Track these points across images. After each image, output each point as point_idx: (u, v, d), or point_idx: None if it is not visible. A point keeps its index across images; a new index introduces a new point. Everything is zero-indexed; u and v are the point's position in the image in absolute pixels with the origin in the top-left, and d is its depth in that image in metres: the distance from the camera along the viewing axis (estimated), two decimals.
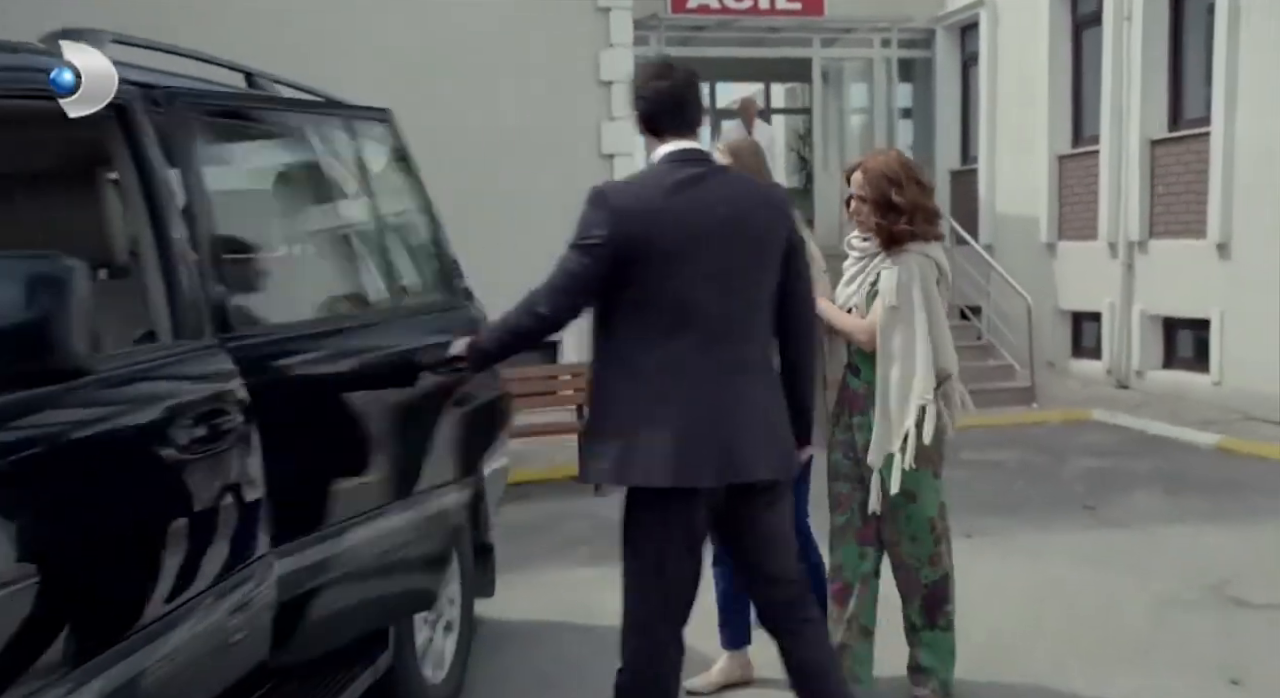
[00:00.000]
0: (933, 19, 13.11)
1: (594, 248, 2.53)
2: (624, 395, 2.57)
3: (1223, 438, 8.01)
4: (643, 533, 2.62)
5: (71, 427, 1.83)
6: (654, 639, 2.66)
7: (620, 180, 2.87)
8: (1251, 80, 8.80)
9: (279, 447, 2.30)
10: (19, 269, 1.56)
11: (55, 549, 1.71)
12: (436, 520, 2.83)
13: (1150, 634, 4.22)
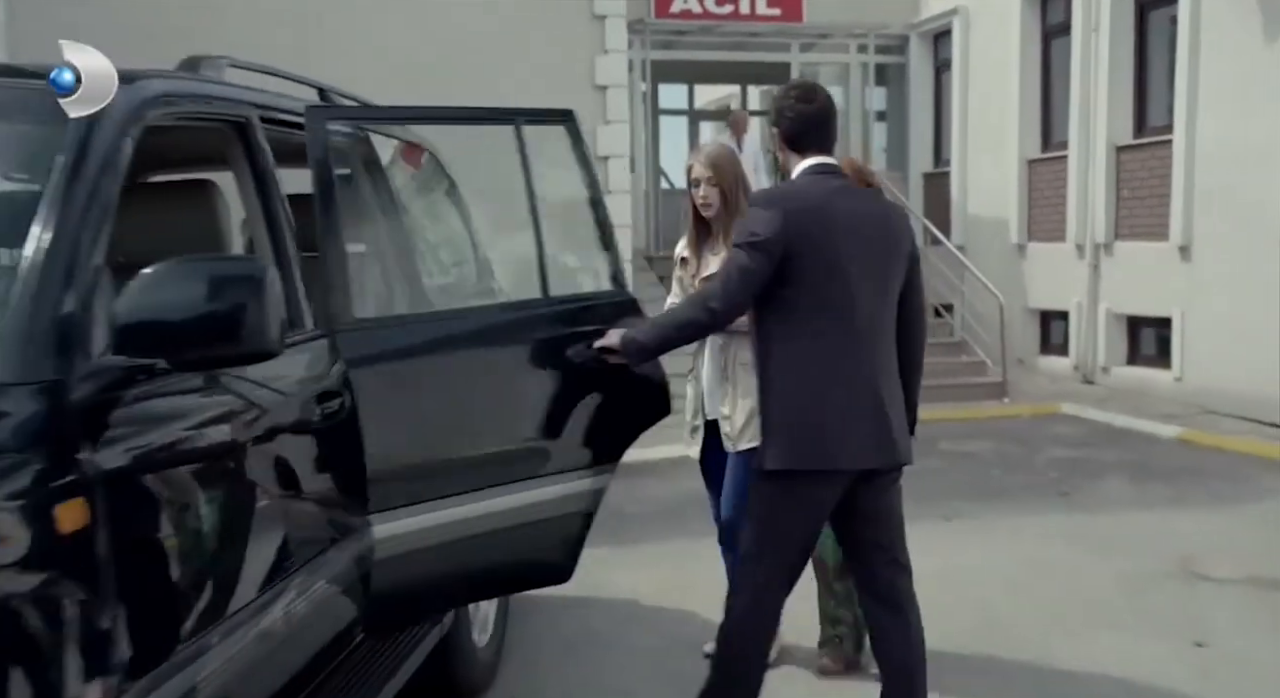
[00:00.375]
0: (907, 26, 13.52)
1: (767, 246, 2.77)
2: (791, 387, 2.84)
3: (1184, 430, 8.45)
4: (787, 511, 2.88)
5: (269, 396, 2.27)
6: (766, 604, 2.95)
7: (783, 186, 3.06)
8: (1212, 89, 9.25)
9: (387, 423, 2.61)
10: (228, 270, 1.86)
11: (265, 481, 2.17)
12: (573, 501, 3.00)
13: (1123, 605, 4.60)
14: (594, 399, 3.02)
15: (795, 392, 2.84)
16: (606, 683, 3.84)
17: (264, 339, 1.83)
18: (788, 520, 2.89)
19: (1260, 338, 8.66)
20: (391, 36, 8.12)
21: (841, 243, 2.82)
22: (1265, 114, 8.64)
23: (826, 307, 2.82)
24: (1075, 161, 10.78)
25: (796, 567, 2.97)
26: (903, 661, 2.98)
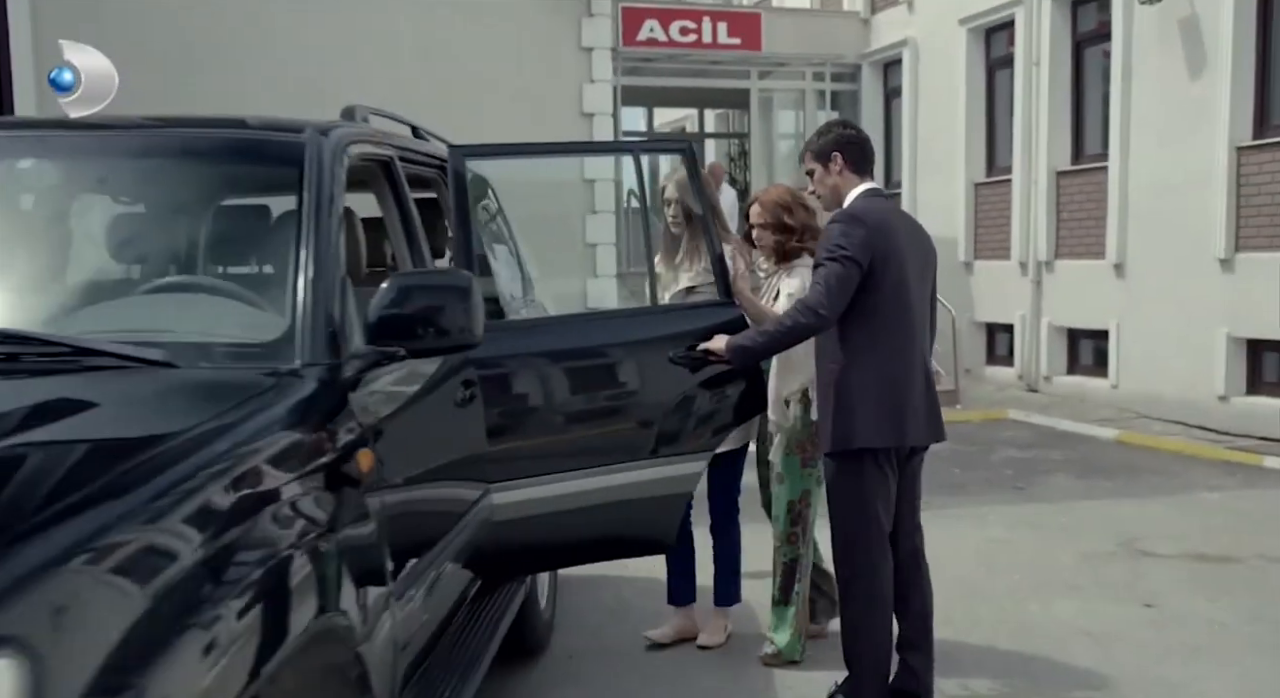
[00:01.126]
0: (859, 55, 14.32)
1: (858, 258, 3.32)
2: (873, 378, 3.42)
3: (1121, 433, 9.23)
4: (875, 483, 3.46)
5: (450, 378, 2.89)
6: (878, 553, 3.51)
7: (859, 206, 3.52)
8: (1143, 120, 10.11)
9: (509, 408, 3.18)
10: (445, 280, 2.40)
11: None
12: (675, 483, 3.47)
13: (1081, 576, 5.28)
14: (696, 394, 3.51)
15: (877, 381, 3.43)
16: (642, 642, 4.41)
17: (471, 333, 2.39)
18: (876, 492, 3.46)
19: (1189, 348, 9.50)
20: (400, 69, 8.62)
21: (903, 254, 3.44)
22: (1191, 143, 9.49)
23: (896, 308, 3.43)
24: (1018, 185, 11.59)
25: (887, 535, 3.53)
26: (922, 606, 3.61)
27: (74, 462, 1.65)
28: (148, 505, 1.49)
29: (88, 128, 2.67)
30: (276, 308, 2.32)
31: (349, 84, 8.23)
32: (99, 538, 1.39)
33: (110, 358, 2.04)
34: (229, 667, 1.47)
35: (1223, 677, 4.00)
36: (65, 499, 1.44)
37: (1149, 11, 9.79)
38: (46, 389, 1.93)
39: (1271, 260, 8.90)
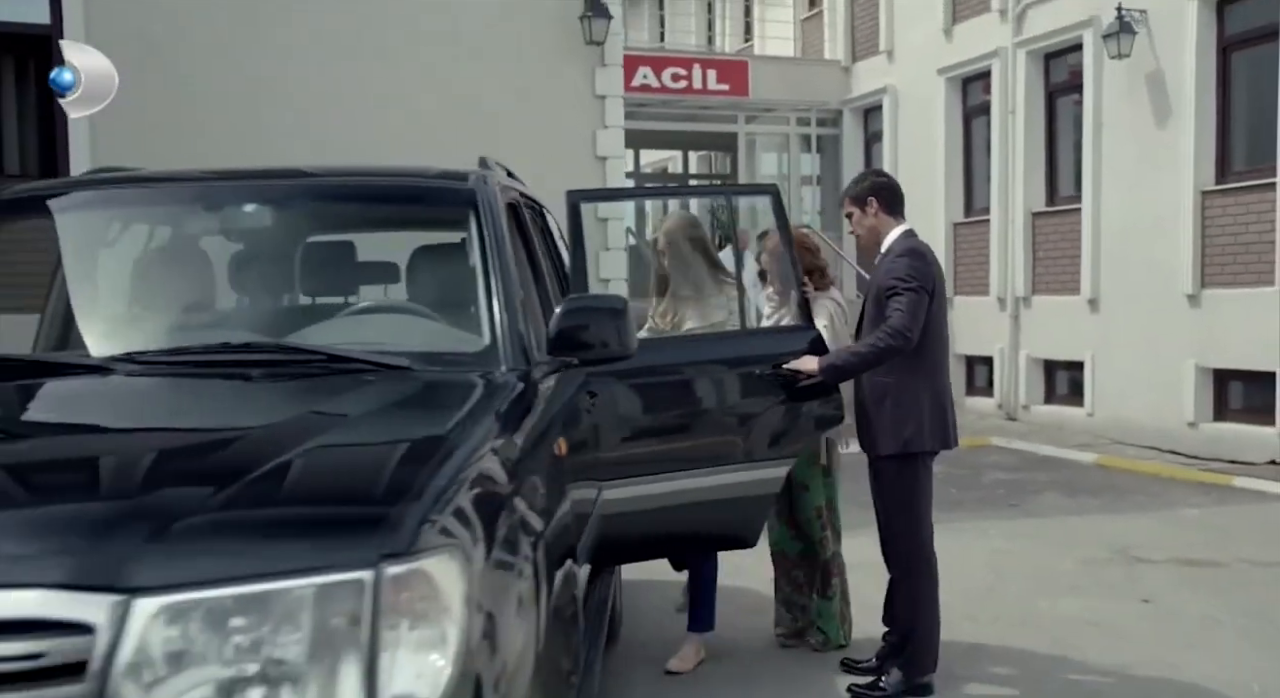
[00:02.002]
0: (841, 101, 15.03)
1: (926, 287, 3.91)
2: (927, 389, 3.99)
3: (1100, 457, 9.84)
4: (927, 483, 4.06)
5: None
6: (929, 543, 4.11)
7: (916, 243, 4.09)
8: (1113, 165, 10.83)
9: (617, 415, 3.66)
10: (605, 303, 2.88)
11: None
12: (760, 485, 3.92)
13: (1081, 578, 5.83)
14: (782, 406, 3.98)
15: (929, 392, 4.00)
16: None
17: (627, 346, 2.88)
18: (927, 492, 4.07)
19: (1160, 378, 10.16)
20: (425, 113, 9.05)
21: (941, 283, 4.03)
22: (1159, 187, 10.21)
23: (939, 329, 4.05)
24: (996, 226, 12.28)
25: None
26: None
27: (422, 426, 2.18)
28: (479, 449, 2.03)
29: (289, 176, 3.15)
30: (472, 325, 2.81)
31: (386, 127, 8.73)
32: (464, 469, 1.89)
33: (360, 363, 2.52)
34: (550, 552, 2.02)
35: (1218, 661, 4.53)
36: (432, 447, 1.95)
37: (1118, 65, 10.53)
38: (343, 385, 2.40)
39: (1235, 296, 9.60)
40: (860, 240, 4.44)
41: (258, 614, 1.52)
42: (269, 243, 3.17)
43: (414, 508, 1.69)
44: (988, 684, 4.34)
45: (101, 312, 3.05)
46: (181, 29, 8.52)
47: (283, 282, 3.16)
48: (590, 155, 9.64)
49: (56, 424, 2.33)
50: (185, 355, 2.61)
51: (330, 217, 3.26)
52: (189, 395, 2.39)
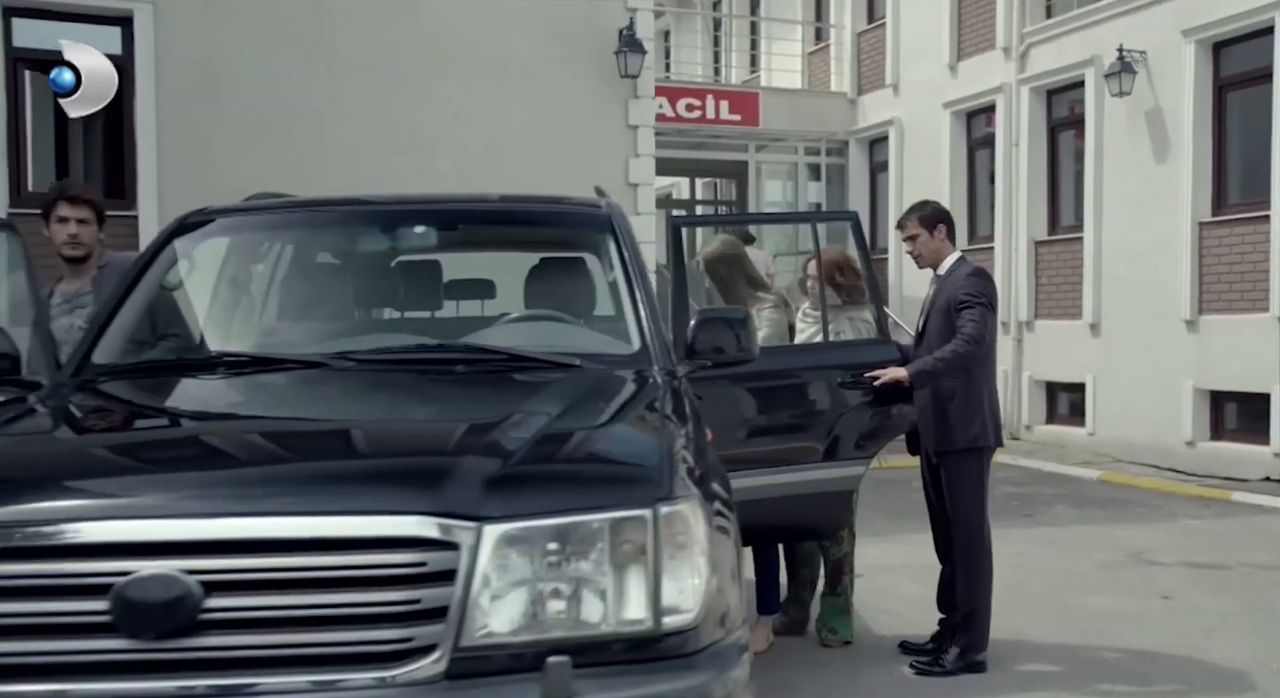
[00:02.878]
0: (847, 132, 15.62)
1: (992, 304, 4.48)
2: (988, 392, 4.57)
3: (1103, 473, 10.36)
4: (984, 474, 4.60)
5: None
6: (989, 536, 4.65)
7: (978, 266, 4.72)
8: (1113, 195, 11.40)
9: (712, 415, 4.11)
10: (731, 314, 3.33)
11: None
12: (843, 481, 4.41)
13: (1103, 579, 6.31)
14: (861, 410, 4.47)
15: (989, 394, 4.54)
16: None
17: (750, 351, 3.34)
18: (987, 484, 4.61)
19: (1158, 399, 10.70)
20: (469, 141, 9.55)
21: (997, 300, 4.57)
22: (1157, 216, 10.78)
23: (994, 340, 4.58)
24: (1000, 253, 12.83)
25: None
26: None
27: (633, 411, 2.63)
28: (679, 429, 2.49)
29: (453, 201, 3.62)
30: (620, 331, 3.27)
31: (433, 153, 9.22)
32: (680, 443, 2.36)
33: (539, 362, 2.99)
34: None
35: (1237, 646, 5.01)
36: (653, 426, 2.42)
37: (1119, 102, 11.12)
38: (538, 379, 2.85)
39: (1230, 321, 10.16)
40: (920, 260, 4.95)
41: (570, 540, 1.98)
42: (434, 259, 3.63)
43: (670, 468, 2.16)
44: (1034, 663, 4.81)
45: (297, 316, 3.49)
46: (239, 60, 9.01)
47: (444, 292, 3.61)
48: (623, 182, 10.16)
49: (352, 403, 2.75)
50: (387, 354, 3.07)
51: (489, 237, 3.73)
52: (420, 384, 2.84)
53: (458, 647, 1.89)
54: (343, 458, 2.28)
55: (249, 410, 2.74)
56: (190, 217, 3.65)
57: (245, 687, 1.86)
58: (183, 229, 3.57)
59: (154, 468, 2.25)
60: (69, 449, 2.45)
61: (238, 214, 3.72)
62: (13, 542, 1.88)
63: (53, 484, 2.07)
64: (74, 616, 1.86)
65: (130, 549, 1.87)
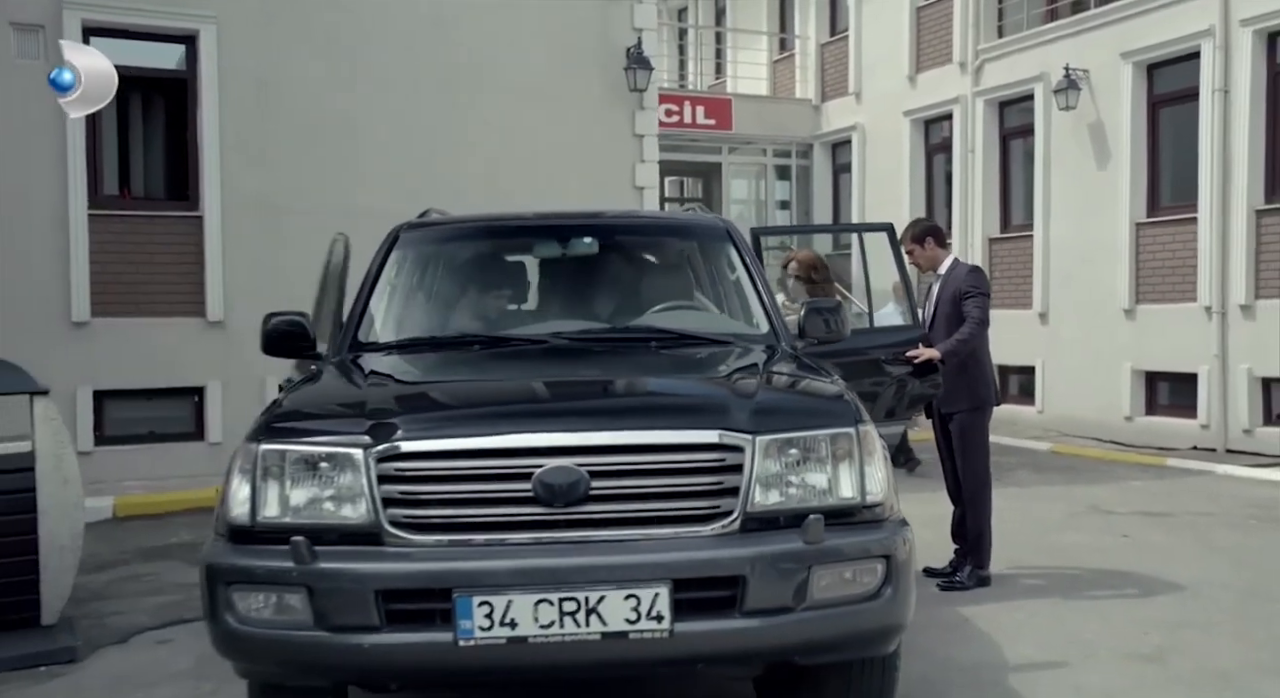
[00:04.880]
0: (812, 136, 16.85)
1: (988, 293, 5.70)
2: (986, 362, 5.79)
3: (1054, 445, 11.70)
4: (985, 426, 5.83)
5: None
6: (990, 475, 5.91)
7: (972, 264, 6.01)
8: (1061, 199, 12.76)
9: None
10: (828, 304, 4.42)
11: None
12: (890, 438, 5.33)
13: (1071, 523, 7.58)
14: (901, 380, 5.61)
15: (989, 362, 5.85)
16: None
17: (842, 333, 4.44)
18: (989, 434, 5.78)
19: (1100, 380, 12.07)
20: (493, 151, 10.54)
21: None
22: (1099, 217, 12.15)
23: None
24: (957, 249, 14.06)
25: None
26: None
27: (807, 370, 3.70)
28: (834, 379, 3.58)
29: (604, 217, 4.70)
30: (749, 317, 4.38)
31: (459, 160, 10.23)
32: (839, 383, 3.48)
33: (705, 339, 4.08)
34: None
35: (1185, 570, 6.24)
36: (825, 377, 3.54)
37: (1065, 115, 12.47)
38: (715, 351, 3.95)
39: (1163, 310, 11.56)
40: (921, 267, 6.19)
41: (807, 447, 3.08)
42: (597, 261, 4.69)
43: (856, 403, 3.29)
44: (1031, 581, 6.03)
45: (498, 306, 4.54)
46: (293, 74, 9.92)
47: (609, 287, 4.66)
48: (630, 186, 11.24)
49: (605, 365, 3.79)
50: (589, 334, 4.14)
51: (634, 244, 4.81)
52: (634, 354, 3.92)
53: (745, 512, 2.99)
54: (655, 396, 3.39)
55: (541, 369, 3.78)
56: (405, 227, 4.69)
57: (619, 537, 2.94)
58: (401, 237, 4.61)
59: (535, 402, 3.34)
60: (466, 392, 3.55)
61: (441, 226, 4.75)
62: (475, 447, 2.95)
63: (485, 413, 3.17)
64: (510, 492, 2.93)
65: (544, 451, 2.94)
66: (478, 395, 3.49)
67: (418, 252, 4.60)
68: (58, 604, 4.81)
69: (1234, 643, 4.83)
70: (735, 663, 3.17)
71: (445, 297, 4.53)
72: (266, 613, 2.92)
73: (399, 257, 4.51)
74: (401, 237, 4.62)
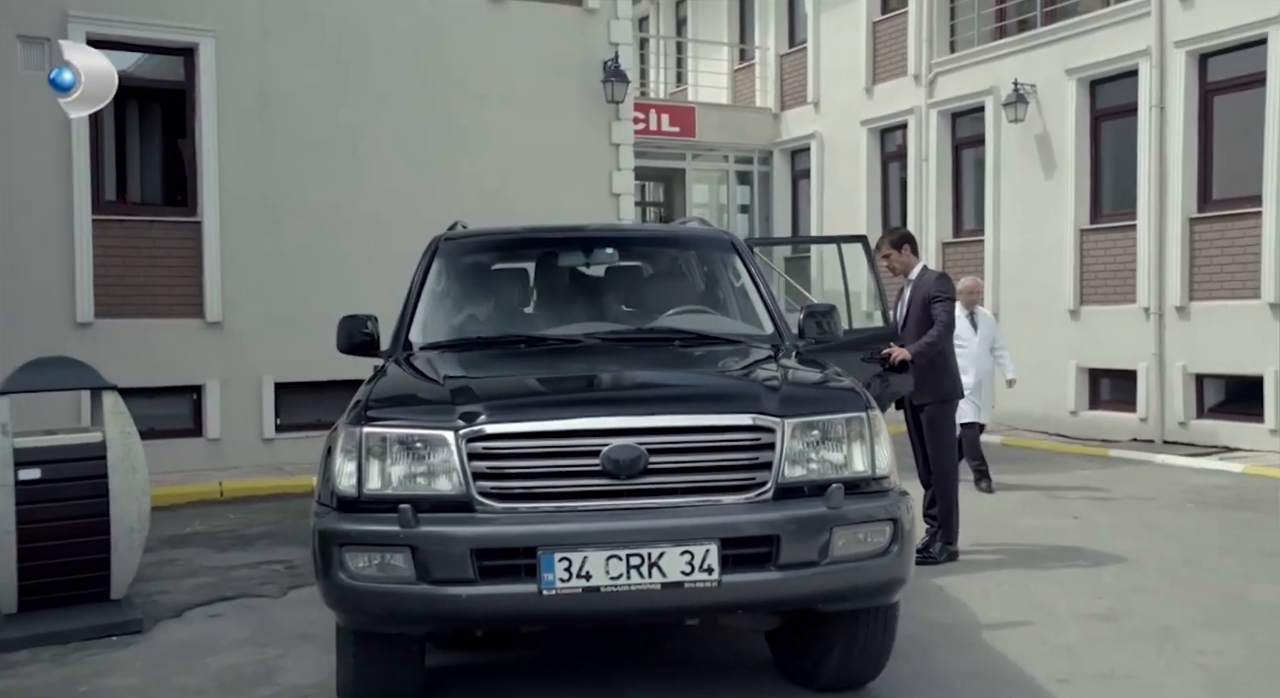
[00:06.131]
0: (772, 143, 17.52)
1: (954, 298, 6.34)
2: (951, 359, 6.39)
3: (1005, 438, 12.44)
4: (952, 416, 6.46)
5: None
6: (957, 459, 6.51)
7: (940, 271, 6.63)
8: (1009, 206, 13.52)
9: None
10: (825, 308, 5.01)
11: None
12: None
13: (1027, 507, 8.28)
14: (880, 375, 6.23)
15: (953, 360, 6.44)
16: None
17: (835, 334, 5.02)
18: (956, 424, 6.46)
19: (1047, 376, 12.82)
20: (481, 158, 11.03)
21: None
22: (1045, 223, 12.92)
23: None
24: None
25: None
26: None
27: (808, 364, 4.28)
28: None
29: (622, 229, 5.26)
30: (755, 320, 4.96)
31: (448, 167, 10.74)
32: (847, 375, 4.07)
33: (718, 339, 4.66)
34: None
35: (1131, 544, 6.94)
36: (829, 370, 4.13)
37: (1013, 127, 13.23)
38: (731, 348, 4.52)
39: (1105, 311, 12.35)
40: (894, 271, 6.82)
41: (827, 428, 3.67)
42: (618, 269, 5.25)
43: (865, 391, 3.88)
44: (996, 555, 6.69)
45: (533, 309, 5.08)
46: (290, 85, 10.35)
47: (629, 292, 5.22)
48: (607, 193, 11.80)
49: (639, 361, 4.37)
50: (617, 334, 4.70)
51: (649, 254, 5.38)
52: (661, 351, 4.48)
53: (777, 483, 3.57)
54: (698, 386, 3.97)
55: (589, 364, 4.33)
56: (443, 237, 5.22)
57: (672, 504, 3.50)
58: (440, 247, 5.14)
59: (597, 391, 3.89)
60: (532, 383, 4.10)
61: (476, 237, 5.29)
62: (551, 429, 3.51)
63: (556, 400, 3.74)
64: (581, 466, 3.48)
65: (610, 432, 3.50)
66: (544, 385, 4.05)
67: (456, 261, 5.12)
68: (126, 580, 5.26)
69: (1173, 604, 5.52)
70: (769, 609, 3.75)
71: (483, 300, 5.06)
72: (373, 570, 3.45)
73: (440, 265, 5.03)
74: (441, 247, 5.14)
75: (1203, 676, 4.46)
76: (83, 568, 5.09)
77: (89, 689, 4.47)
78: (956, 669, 4.56)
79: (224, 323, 10.15)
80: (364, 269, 9.97)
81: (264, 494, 9.25)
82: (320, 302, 10.05)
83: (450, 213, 8.09)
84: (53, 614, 5.04)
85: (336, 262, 10.35)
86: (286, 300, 10.23)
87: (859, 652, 4.05)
